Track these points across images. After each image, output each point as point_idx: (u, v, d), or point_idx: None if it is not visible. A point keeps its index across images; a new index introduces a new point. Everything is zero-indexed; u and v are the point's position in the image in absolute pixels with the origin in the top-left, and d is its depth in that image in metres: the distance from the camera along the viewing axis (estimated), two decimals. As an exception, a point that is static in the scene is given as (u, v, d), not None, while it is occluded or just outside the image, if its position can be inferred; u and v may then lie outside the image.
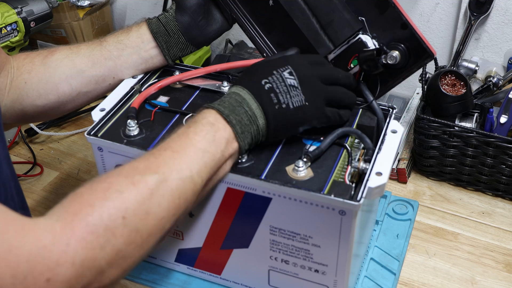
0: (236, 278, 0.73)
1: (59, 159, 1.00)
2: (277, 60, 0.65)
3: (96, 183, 0.52)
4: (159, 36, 0.74)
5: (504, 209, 0.88)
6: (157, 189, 0.53)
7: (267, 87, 0.62)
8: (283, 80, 0.63)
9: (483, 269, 0.79)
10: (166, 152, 0.56)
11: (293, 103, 0.62)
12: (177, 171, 0.55)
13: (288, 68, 0.64)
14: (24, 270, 0.43)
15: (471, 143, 0.86)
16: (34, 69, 0.73)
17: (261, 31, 0.77)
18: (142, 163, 0.55)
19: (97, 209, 0.49)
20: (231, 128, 0.60)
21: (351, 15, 0.70)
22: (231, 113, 0.60)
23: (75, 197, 0.50)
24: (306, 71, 0.64)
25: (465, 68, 0.99)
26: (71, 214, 0.48)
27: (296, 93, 0.63)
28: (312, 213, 0.61)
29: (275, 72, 0.63)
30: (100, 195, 0.50)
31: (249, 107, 0.61)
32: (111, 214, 0.49)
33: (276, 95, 0.62)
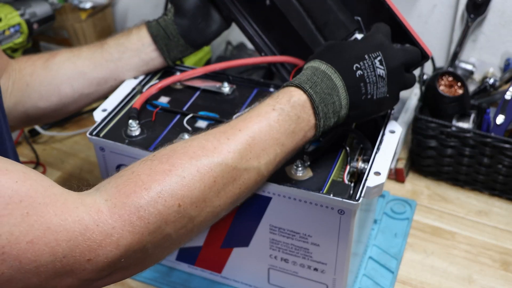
0: (236, 277, 0.74)
1: (62, 159, 1.00)
2: (368, 43, 0.61)
3: (157, 162, 0.48)
4: (159, 39, 0.75)
5: (501, 208, 0.89)
6: (221, 177, 0.50)
7: (358, 74, 0.58)
8: (374, 69, 0.59)
9: (480, 267, 0.79)
10: (240, 134, 0.52)
11: (377, 95, 0.59)
12: (247, 160, 0.51)
13: (379, 55, 0.59)
14: (64, 249, 0.41)
15: (468, 143, 0.86)
16: (36, 71, 0.74)
17: (259, 31, 0.78)
18: (211, 143, 0.51)
19: (153, 194, 0.46)
20: (316, 121, 0.56)
21: (346, 16, 0.70)
22: (321, 103, 0.56)
23: (131, 176, 0.47)
24: (394, 61, 0.60)
25: (462, 69, 1.00)
26: (122, 195, 0.45)
27: (382, 84, 0.59)
28: (311, 212, 0.62)
29: (367, 58, 0.59)
30: (159, 178, 0.47)
31: (339, 97, 0.57)
32: (167, 200, 0.46)
33: (365, 85, 0.58)
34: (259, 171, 0.53)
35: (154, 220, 0.46)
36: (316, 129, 0.57)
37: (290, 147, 0.56)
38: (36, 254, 0.41)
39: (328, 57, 0.59)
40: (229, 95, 0.76)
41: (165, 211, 0.46)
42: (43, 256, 0.41)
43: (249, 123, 0.54)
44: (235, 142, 0.52)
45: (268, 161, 0.54)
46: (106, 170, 0.71)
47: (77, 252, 0.42)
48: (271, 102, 0.56)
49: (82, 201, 0.44)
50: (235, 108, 0.74)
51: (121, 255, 0.44)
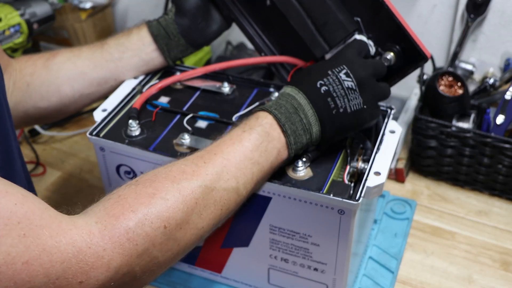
0: (237, 277, 0.74)
1: (62, 159, 1.00)
2: (330, 60, 0.63)
3: (141, 186, 0.50)
4: (160, 39, 0.75)
5: (501, 208, 0.89)
6: (202, 199, 0.52)
7: (323, 90, 0.59)
8: (340, 82, 0.60)
9: (480, 267, 0.79)
10: (216, 158, 0.55)
11: (351, 107, 0.60)
12: (224, 180, 0.54)
13: (343, 68, 0.60)
14: (57, 271, 0.42)
15: (468, 143, 0.86)
16: (37, 71, 0.74)
17: (259, 31, 0.78)
18: (190, 167, 0.53)
19: (140, 216, 0.47)
20: (285, 139, 0.59)
21: (345, 16, 0.70)
22: (287, 121, 0.59)
23: (118, 199, 0.49)
24: (362, 71, 0.61)
25: (462, 69, 1.00)
26: (111, 217, 0.47)
27: (354, 96, 0.60)
28: (312, 212, 0.62)
29: (330, 73, 0.60)
30: (144, 201, 0.49)
31: (305, 114, 0.59)
32: (153, 222, 0.48)
33: (333, 99, 0.59)
34: (238, 191, 0.55)
35: (142, 242, 0.47)
36: (288, 146, 0.59)
37: (266, 165, 0.58)
38: (31, 275, 0.41)
39: (294, 81, 0.62)
40: (229, 95, 0.76)
41: (152, 233, 0.48)
42: (38, 278, 0.42)
43: (223, 146, 0.56)
44: (212, 165, 0.54)
45: (246, 180, 0.56)
46: (106, 170, 0.71)
47: (70, 274, 0.43)
48: (241, 126, 0.59)
49: (75, 224, 0.45)
50: (235, 108, 0.74)
51: (111, 278, 0.45)
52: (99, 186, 0.93)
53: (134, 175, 0.69)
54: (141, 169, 0.68)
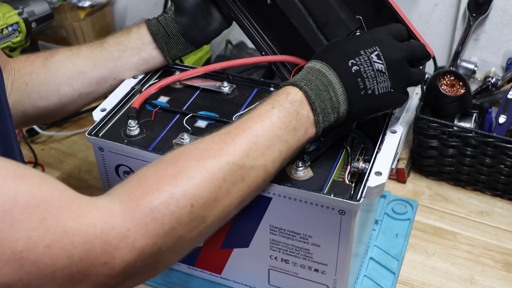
0: (236, 278, 0.74)
1: (60, 159, 1.00)
2: (363, 39, 0.61)
3: (165, 165, 0.49)
4: (159, 38, 0.75)
5: (502, 208, 0.89)
6: (230, 176, 0.51)
7: (354, 70, 0.58)
8: (371, 63, 0.59)
9: (482, 268, 0.79)
10: (244, 134, 0.54)
11: (379, 90, 0.59)
12: (253, 158, 0.53)
13: (376, 49, 0.59)
14: (80, 252, 0.41)
15: (470, 143, 0.86)
16: (35, 71, 0.73)
17: (260, 30, 0.78)
18: (217, 144, 0.52)
19: (165, 194, 0.46)
20: (314, 117, 0.57)
21: (347, 15, 0.70)
22: (317, 99, 0.57)
23: (140, 180, 0.48)
24: (393, 54, 0.60)
25: (464, 69, 1.00)
26: (134, 198, 0.46)
27: (383, 78, 0.59)
28: (312, 212, 0.61)
29: (362, 53, 0.59)
30: (169, 180, 0.47)
31: (335, 92, 0.58)
32: (179, 201, 0.47)
33: (363, 80, 0.58)
34: (266, 168, 0.54)
35: (168, 222, 0.46)
36: (316, 124, 0.58)
37: (293, 143, 0.57)
38: (53, 258, 0.41)
39: (324, 56, 0.61)
40: (229, 94, 0.76)
41: (178, 212, 0.47)
42: (60, 260, 0.41)
43: (252, 122, 0.55)
44: (240, 142, 0.53)
45: (274, 158, 0.55)
46: (105, 170, 0.70)
47: (93, 255, 0.42)
48: (270, 101, 0.57)
49: (96, 205, 0.44)
50: (235, 107, 0.73)
51: (136, 258, 0.44)
52: (98, 186, 0.93)
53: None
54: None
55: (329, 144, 0.66)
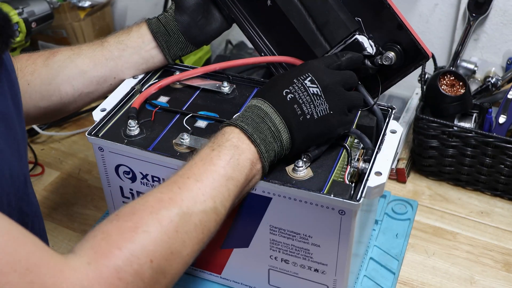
0: (236, 278, 0.74)
1: (60, 159, 1.00)
2: (296, 70, 0.63)
3: (122, 221, 0.50)
4: (159, 36, 0.75)
5: (502, 208, 0.89)
6: (182, 225, 0.51)
7: (289, 98, 0.60)
8: (305, 89, 0.60)
9: (482, 268, 0.79)
10: (189, 181, 0.54)
11: (318, 113, 0.60)
12: (201, 202, 0.53)
13: (308, 75, 0.61)
14: None
15: (470, 143, 0.86)
16: (37, 70, 0.73)
17: (259, 31, 0.78)
18: (166, 194, 0.53)
19: (126, 253, 0.47)
20: (256, 148, 0.58)
21: (347, 16, 0.70)
22: (255, 131, 0.58)
23: (103, 236, 0.49)
24: (327, 77, 0.62)
25: (464, 69, 0.99)
26: (101, 256, 0.47)
27: (320, 102, 0.60)
28: (312, 212, 0.61)
29: (295, 81, 0.61)
30: (127, 236, 0.49)
31: (273, 122, 0.59)
32: (140, 258, 0.48)
33: (300, 106, 0.59)
34: (216, 210, 0.55)
35: (131, 280, 0.47)
36: (260, 156, 0.58)
37: (241, 179, 0.57)
38: None
39: (261, 93, 0.62)
40: (228, 94, 0.76)
41: (140, 269, 0.48)
42: None
43: (195, 169, 0.56)
44: (186, 189, 0.54)
45: (223, 198, 0.55)
46: (105, 170, 0.70)
47: None
48: (210, 144, 0.59)
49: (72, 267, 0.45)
50: (235, 107, 0.73)
51: None
52: (98, 186, 0.93)
53: (133, 175, 0.69)
54: (140, 169, 0.68)
55: (329, 144, 0.66)
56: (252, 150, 0.58)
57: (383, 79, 0.72)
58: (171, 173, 0.56)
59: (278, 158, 0.61)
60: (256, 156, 0.58)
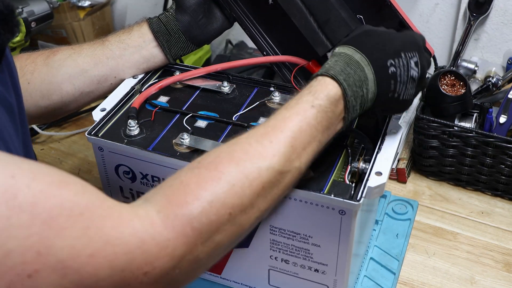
0: (236, 278, 0.74)
1: (60, 159, 1.00)
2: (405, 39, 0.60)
3: (204, 169, 0.49)
4: (160, 36, 0.75)
5: (503, 208, 0.88)
6: (268, 182, 0.50)
7: (391, 71, 0.57)
8: (408, 69, 0.58)
9: (482, 268, 0.79)
10: (283, 136, 0.52)
11: (404, 95, 0.59)
12: (290, 161, 0.52)
13: (415, 55, 0.59)
14: (122, 263, 0.41)
15: (470, 143, 0.86)
16: (37, 69, 0.73)
17: (261, 30, 0.78)
18: (255, 147, 0.51)
19: (204, 203, 0.46)
20: (345, 114, 0.57)
21: (348, 14, 0.70)
22: (352, 96, 0.56)
23: (180, 186, 0.47)
24: (426, 63, 0.60)
25: (464, 68, 0.99)
26: (174, 205, 0.45)
27: (412, 86, 0.59)
28: (312, 212, 0.61)
29: (403, 56, 0.58)
30: (208, 187, 0.47)
31: (367, 90, 0.57)
32: (218, 209, 0.47)
33: (396, 84, 0.58)
34: (300, 170, 0.54)
35: (206, 230, 0.46)
36: (344, 121, 0.58)
37: (324, 142, 0.57)
38: (96, 268, 0.40)
39: (363, 46, 0.58)
40: (229, 94, 0.76)
41: (217, 221, 0.47)
42: (103, 270, 0.41)
43: (290, 122, 0.53)
44: (279, 145, 0.52)
45: (307, 159, 0.54)
46: (105, 170, 0.70)
47: (134, 266, 0.42)
48: (310, 99, 0.55)
49: (136, 214, 0.44)
50: (235, 107, 0.73)
51: (176, 266, 0.45)
52: (98, 186, 0.91)
53: (133, 175, 0.69)
54: (140, 169, 0.68)
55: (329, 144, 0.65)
56: (342, 115, 0.57)
57: None
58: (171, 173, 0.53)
59: None
60: (341, 121, 0.57)
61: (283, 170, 0.51)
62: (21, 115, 0.55)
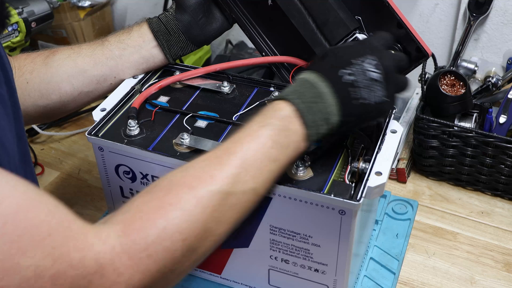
0: (237, 278, 0.74)
1: (60, 159, 1.00)
2: (358, 47, 0.59)
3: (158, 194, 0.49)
4: (160, 35, 0.75)
5: (503, 208, 0.88)
6: (220, 205, 0.50)
7: (346, 80, 0.56)
8: (365, 72, 0.56)
9: (482, 268, 0.79)
10: (234, 159, 0.52)
11: (374, 98, 0.57)
12: (243, 183, 0.51)
13: (372, 58, 0.57)
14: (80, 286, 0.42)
15: (470, 143, 0.86)
16: (36, 69, 0.73)
17: (260, 31, 0.78)
18: (207, 171, 0.51)
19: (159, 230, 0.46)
20: (305, 131, 0.55)
21: (347, 15, 0.70)
22: (308, 112, 0.55)
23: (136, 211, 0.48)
24: (389, 63, 0.58)
25: (464, 68, 0.99)
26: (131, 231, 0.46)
27: (378, 88, 0.57)
28: (312, 212, 0.61)
29: (355, 62, 0.57)
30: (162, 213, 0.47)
31: (325, 104, 0.56)
32: (172, 236, 0.47)
33: (356, 90, 0.56)
34: (256, 191, 0.53)
35: (161, 257, 0.46)
36: (307, 139, 0.56)
37: (284, 161, 0.55)
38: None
39: (316, 66, 0.59)
40: (229, 94, 0.76)
41: (171, 247, 0.47)
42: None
43: (241, 144, 0.53)
44: (230, 167, 0.51)
45: (264, 180, 0.53)
46: (105, 170, 0.70)
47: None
48: (259, 119, 0.56)
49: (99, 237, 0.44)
50: (235, 107, 0.73)
51: None
52: (98, 186, 0.93)
53: (133, 175, 0.69)
54: (140, 169, 0.68)
55: (329, 144, 0.65)
56: (300, 132, 0.55)
57: None
58: None
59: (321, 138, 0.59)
60: (303, 139, 0.56)
61: (235, 192, 0.51)
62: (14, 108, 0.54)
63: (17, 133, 0.54)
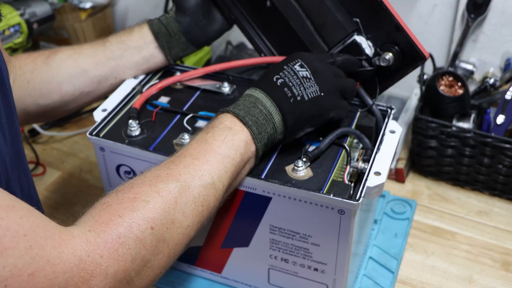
0: (237, 277, 0.74)
1: (62, 159, 1.00)
2: (286, 58, 0.65)
3: (121, 193, 0.52)
4: (160, 37, 0.75)
5: (501, 208, 0.89)
6: (180, 197, 0.53)
7: (280, 83, 0.62)
8: (295, 73, 0.62)
9: (481, 267, 0.79)
10: (186, 159, 0.56)
11: (308, 95, 0.62)
12: (199, 177, 0.55)
13: (298, 61, 0.64)
14: (60, 282, 0.43)
15: (468, 143, 0.86)
16: (37, 68, 0.74)
17: (259, 32, 0.78)
18: (163, 171, 0.55)
19: (127, 219, 0.49)
20: (248, 130, 0.60)
21: (345, 17, 0.70)
22: (246, 115, 0.60)
23: (103, 207, 0.50)
24: (317, 64, 0.64)
25: (462, 69, 1.00)
26: (102, 224, 0.48)
27: (310, 84, 0.62)
28: (312, 212, 0.62)
29: (285, 67, 0.63)
30: (127, 205, 0.50)
31: (264, 106, 0.61)
32: (140, 224, 0.49)
33: (290, 89, 0.62)
34: (215, 185, 0.56)
35: (134, 245, 0.48)
36: (253, 137, 0.60)
37: (237, 158, 0.59)
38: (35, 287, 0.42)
39: (254, 82, 0.65)
40: (229, 95, 0.76)
41: (141, 235, 0.49)
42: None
43: (190, 149, 0.58)
44: (183, 165, 0.56)
45: (220, 174, 0.57)
46: (106, 170, 0.71)
47: (72, 284, 0.44)
48: (204, 129, 0.61)
49: (72, 234, 0.46)
50: (235, 108, 0.74)
51: (109, 285, 0.46)
52: (99, 186, 0.93)
53: (134, 175, 0.69)
54: (141, 169, 0.67)
55: (328, 144, 0.66)
56: (245, 131, 0.60)
57: (381, 80, 0.72)
58: None
59: (272, 141, 0.63)
60: (249, 137, 0.60)
61: (194, 186, 0.54)
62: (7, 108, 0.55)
63: (10, 133, 0.55)
